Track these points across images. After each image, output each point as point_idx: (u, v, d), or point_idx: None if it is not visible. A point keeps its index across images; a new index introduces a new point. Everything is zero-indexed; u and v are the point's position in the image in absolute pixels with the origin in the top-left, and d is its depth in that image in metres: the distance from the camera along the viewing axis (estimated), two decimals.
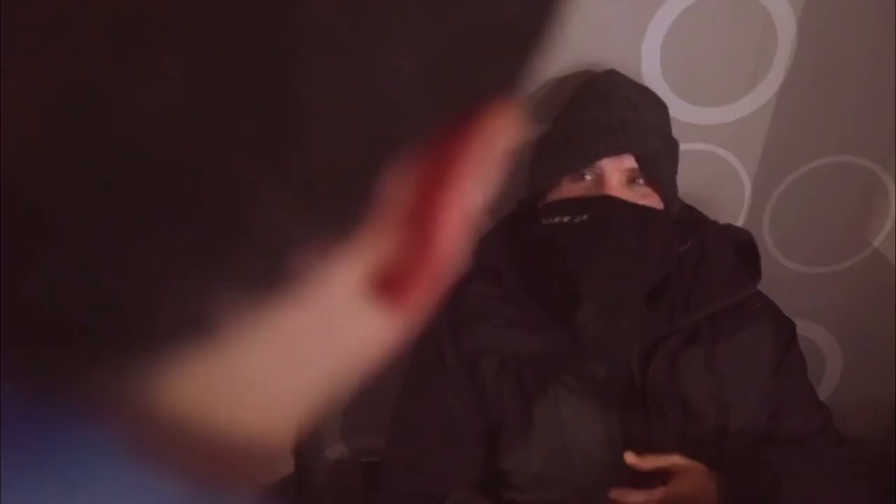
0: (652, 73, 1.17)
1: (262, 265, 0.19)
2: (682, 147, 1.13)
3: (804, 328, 1.37)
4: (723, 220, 1.17)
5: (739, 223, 1.30)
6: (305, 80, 0.17)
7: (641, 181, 1.00)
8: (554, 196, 1.03)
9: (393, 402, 1.15)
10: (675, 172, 1.06)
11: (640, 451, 0.98)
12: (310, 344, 0.22)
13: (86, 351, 0.18)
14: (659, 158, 1.01)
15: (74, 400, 0.18)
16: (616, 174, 0.99)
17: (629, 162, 0.99)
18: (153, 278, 0.18)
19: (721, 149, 1.26)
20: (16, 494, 0.17)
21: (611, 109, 1.00)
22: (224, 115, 0.17)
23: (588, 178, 1.01)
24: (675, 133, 1.10)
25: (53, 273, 0.17)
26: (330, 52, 0.17)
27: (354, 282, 0.21)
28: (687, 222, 1.11)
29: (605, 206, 0.97)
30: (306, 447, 1.39)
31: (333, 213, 0.19)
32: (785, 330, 1.09)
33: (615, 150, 0.98)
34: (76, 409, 0.18)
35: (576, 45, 1.14)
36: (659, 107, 1.07)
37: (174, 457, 0.19)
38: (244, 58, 0.17)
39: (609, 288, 0.97)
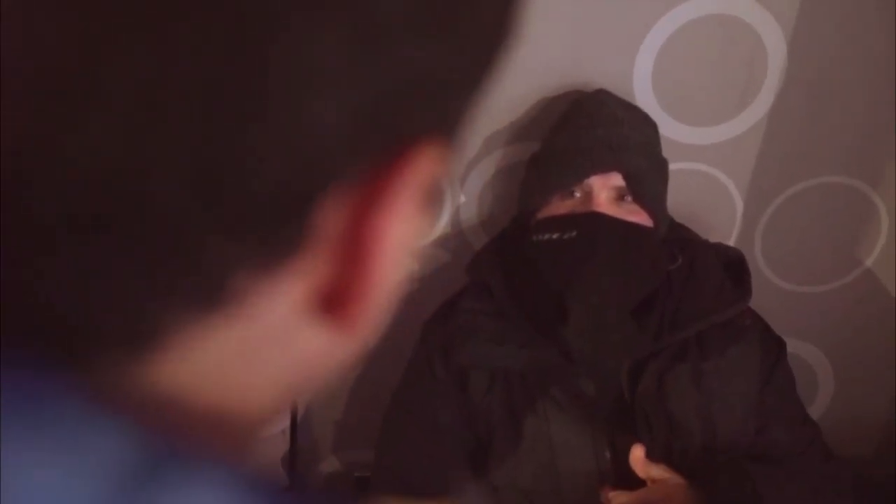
0: (644, 93, 1.19)
1: (205, 285, 0.21)
2: (675, 166, 1.14)
3: (796, 347, 1.38)
4: (714, 239, 1.18)
5: (731, 242, 1.31)
6: (243, 121, 0.19)
7: (629, 198, 1.01)
8: (544, 213, 1.04)
9: (384, 417, 1.16)
10: (664, 190, 1.07)
11: (619, 468, 0.99)
12: (255, 354, 0.24)
13: (62, 348, 0.21)
14: (646, 176, 1.01)
15: (60, 380, 0.20)
16: (604, 191, 1.00)
17: (616, 179, 1.00)
18: (107, 294, 0.20)
19: (713, 168, 1.27)
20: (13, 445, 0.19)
21: (597, 128, 1.01)
22: (167, 150, 0.19)
23: (577, 195, 1.02)
24: (668, 152, 1.11)
25: (40, 287, 0.20)
26: (265, 96, 0.19)
27: (296, 300, 0.23)
28: (677, 240, 1.12)
29: (593, 222, 0.98)
30: (299, 461, 1.39)
31: (272, 239, 0.21)
32: (773, 347, 1.09)
33: (601, 168, 0.99)
34: (63, 386, 0.20)
35: (568, 65, 1.16)
36: (647, 125, 1.08)
37: (144, 421, 0.21)
38: (186, 100, 0.19)
39: (597, 304, 0.97)
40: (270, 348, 0.24)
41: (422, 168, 0.23)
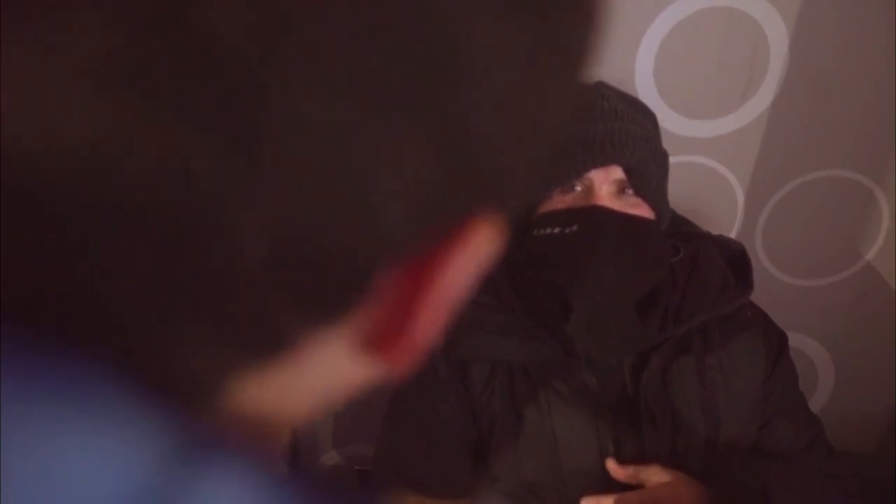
0: (646, 87, 1.18)
1: (268, 343, 0.22)
2: (676, 159, 1.14)
3: (797, 341, 1.38)
4: (716, 233, 1.18)
5: (732, 235, 1.31)
6: (312, 196, 0.20)
7: (630, 192, 1.00)
8: (545, 207, 1.04)
9: (384, 411, 1.16)
10: (664, 183, 1.07)
11: (623, 462, 0.99)
12: (303, 389, 0.26)
13: (100, 333, 0.21)
14: (647, 169, 1.01)
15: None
16: (605, 185, 0.99)
17: (617, 173, 0.99)
18: (187, 353, 0.21)
19: (714, 161, 1.27)
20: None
21: (597, 122, 1.00)
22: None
23: (577, 189, 1.01)
24: (669, 145, 1.10)
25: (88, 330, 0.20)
26: (329, 175, 0.20)
27: (345, 346, 0.25)
28: (679, 233, 1.12)
29: (594, 216, 0.98)
30: (301, 454, 1.40)
31: (332, 305, 0.23)
32: (776, 341, 1.09)
33: (602, 162, 0.98)
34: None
35: None
36: (647, 117, 1.07)
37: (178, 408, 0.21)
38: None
39: (599, 298, 0.96)
40: (313, 380, 0.26)
41: (474, 243, 0.24)
